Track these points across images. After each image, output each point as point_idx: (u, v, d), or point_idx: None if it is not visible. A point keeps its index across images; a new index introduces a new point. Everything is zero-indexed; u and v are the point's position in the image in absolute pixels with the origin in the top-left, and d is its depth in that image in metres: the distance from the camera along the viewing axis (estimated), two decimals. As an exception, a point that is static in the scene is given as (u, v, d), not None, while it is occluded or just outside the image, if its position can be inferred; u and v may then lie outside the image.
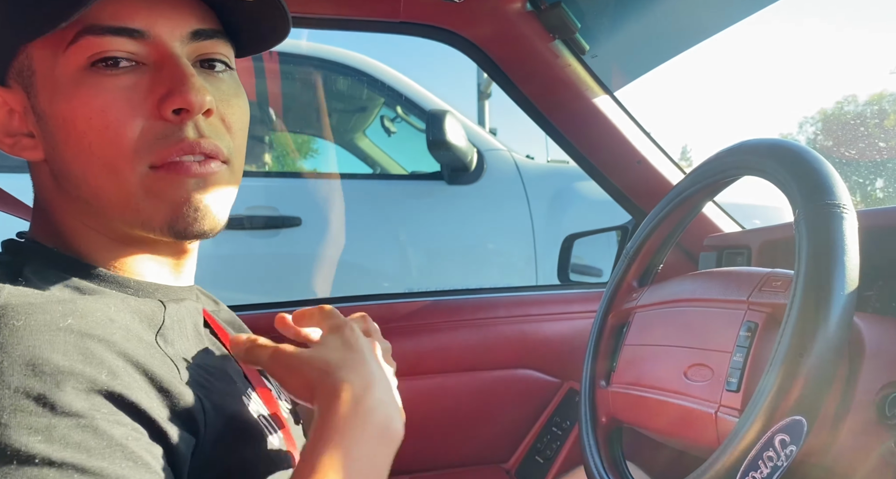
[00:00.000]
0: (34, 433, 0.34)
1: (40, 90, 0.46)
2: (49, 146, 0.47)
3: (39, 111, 0.46)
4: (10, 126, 0.48)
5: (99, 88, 0.44)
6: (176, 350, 0.47)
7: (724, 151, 0.68)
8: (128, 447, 0.37)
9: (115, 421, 0.37)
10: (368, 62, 2.15)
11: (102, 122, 0.44)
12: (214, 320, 0.59)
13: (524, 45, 1.02)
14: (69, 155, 0.46)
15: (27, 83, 0.46)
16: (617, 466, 0.73)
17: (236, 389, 0.51)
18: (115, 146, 0.44)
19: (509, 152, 2.16)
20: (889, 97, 10.21)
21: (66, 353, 0.37)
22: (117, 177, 0.45)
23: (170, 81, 0.45)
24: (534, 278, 2.05)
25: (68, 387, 0.36)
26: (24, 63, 0.46)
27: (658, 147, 1.11)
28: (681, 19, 1.09)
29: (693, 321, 0.67)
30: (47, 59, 0.45)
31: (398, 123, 2.37)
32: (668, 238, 0.79)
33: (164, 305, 0.49)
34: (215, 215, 0.48)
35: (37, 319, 0.38)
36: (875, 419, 0.52)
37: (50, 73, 0.45)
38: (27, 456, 0.34)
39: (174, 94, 0.45)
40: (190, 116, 0.46)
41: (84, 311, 0.40)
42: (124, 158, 0.45)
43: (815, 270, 0.50)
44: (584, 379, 0.79)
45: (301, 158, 3.04)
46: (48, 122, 0.46)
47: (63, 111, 0.44)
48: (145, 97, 0.45)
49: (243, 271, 1.88)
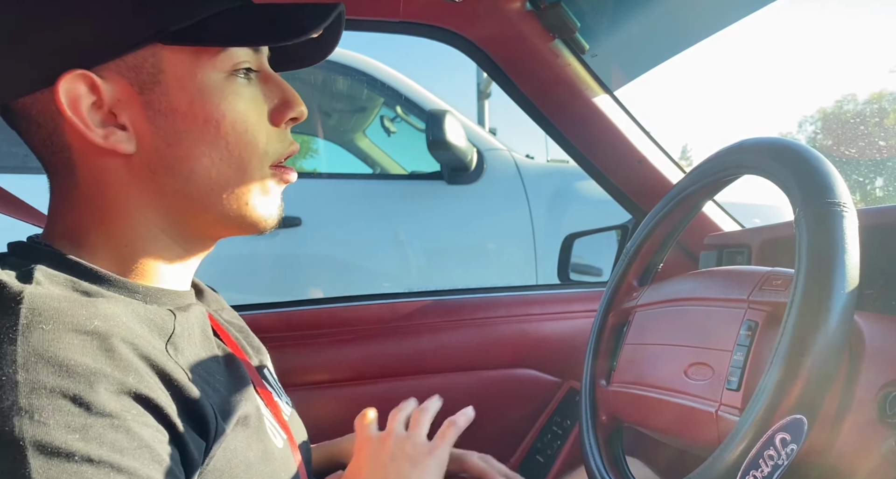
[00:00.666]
0: (72, 431, 0.35)
1: (172, 89, 0.47)
2: (161, 141, 0.48)
3: (162, 108, 0.47)
4: (95, 118, 0.47)
5: (241, 96, 0.50)
6: (186, 358, 0.47)
7: (724, 149, 0.68)
8: (154, 449, 0.38)
9: (143, 423, 0.39)
10: (368, 62, 2.15)
11: (243, 125, 0.50)
12: (217, 323, 0.59)
13: (524, 45, 1.02)
14: (198, 151, 0.49)
15: (144, 79, 0.47)
16: (617, 465, 0.73)
17: (242, 392, 0.52)
18: (251, 147, 0.50)
19: (509, 152, 2.16)
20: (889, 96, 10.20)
21: (95, 356, 0.38)
22: (244, 174, 0.51)
23: (280, 92, 0.53)
24: (534, 278, 2.05)
25: (101, 388, 0.37)
26: (145, 60, 0.47)
27: (658, 146, 1.11)
28: (680, 18, 1.09)
29: (693, 320, 0.67)
30: (185, 62, 0.48)
31: (398, 123, 2.37)
32: (668, 237, 0.79)
33: (174, 313, 0.50)
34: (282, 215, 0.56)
35: (65, 322, 0.38)
36: (876, 418, 0.52)
37: (190, 75, 0.48)
38: (67, 453, 0.35)
39: (291, 105, 0.53)
40: (295, 123, 0.54)
41: (107, 314, 0.41)
42: (257, 157, 0.51)
43: (816, 268, 0.50)
44: (585, 378, 0.79)
45: (301, 158, 3.03)
46: (177, 119, 0.48)
47: (208, 112, 0.48)
48: (263, 105, 0.52)
49: (244, 271, 1.88)
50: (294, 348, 1.05)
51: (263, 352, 0.66)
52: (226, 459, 0.46)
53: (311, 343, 0.73)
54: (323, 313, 1.15)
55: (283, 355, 0.83)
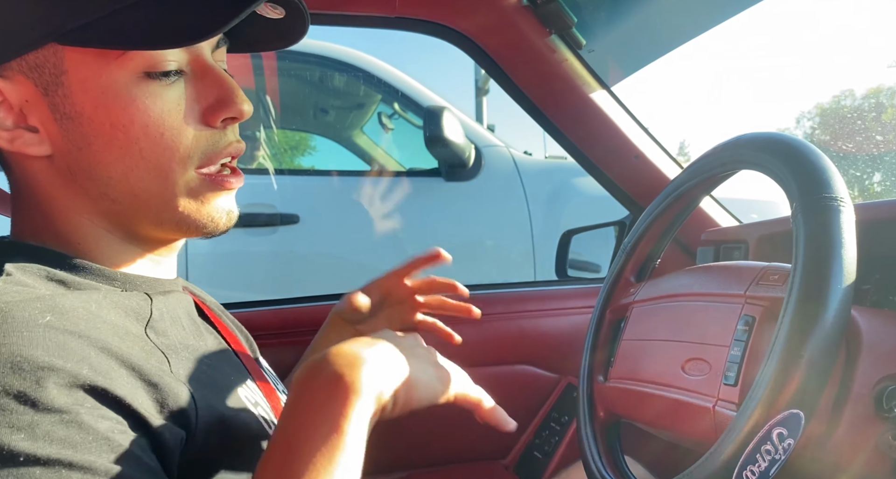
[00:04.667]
0: (16, 431, 0.34)
1: (74, 92, 0.45)
2: (71, 145, 0.46)
3: (66, 111, 0.45)
4: (6, 121, 0.45)
5: (155, 98, 0.46)
6: (170, 341, 0.47)
7: (721, 145, 0.68)
8: (114, 440, 0.37)
9: (99, 415, 0.37)
10: (365, 59, 2.15)
11: (159, 129, 0.46)
12: (209, 309, 0.59)
13: (520, 40, 1.02)
14: (110, 157, 0.46)
15: (48, 81, 0.45)
16: (615, 460, 0.73)
17: (233, 381, 0.51)
18: (169, 152, 0.47)
19: (507, 149, 2.16)
20: (887, 91, 10.21)
21: (46, 349, 0.37)
22: (166, 180, 0.47)
23: (217, 90, 0.48)
24: (532, 274, 2.05)
25: (49, 383, 0.36)
26: (47, 60, 0.44)
27: (655, 142, 1.11)
28: (678, 13, 1.08)
29: (691, 316, 0.67)
30: (90, 63, 0.44)
31: (395, 120, 2.36)
32: (665, 233, 0.79)
33: (151, 297, 0.49)
34: (235, 218, 0.53)
35: (15, 317, 0.37)
36: (872, 412, 0.52)
37: (94, 77, 0.44)
38: (10, 455, 0.33)
39: (226, 104, 0.48)
40: (235, 122, 0.50)
41: (63, 307, 0.40)
42: (177, 162, 0.47)
43: (813, 263, 0.50)
44: (582, 374, 0.79)
45: (299, 156, 3.03)
46: (82, 123, 0.45)
47: (114, 117, 0.45)
48: (192, 106, 0.48)
49: (242, 269, 1.88)
50: (289, 347, 1.05)
51: (253, 343, 0.66)
52: (212, 448, 0.45)
53: (307, 342, 0.73)
54: (320, 311, 1.14)
55: (277, 354, 0.83)
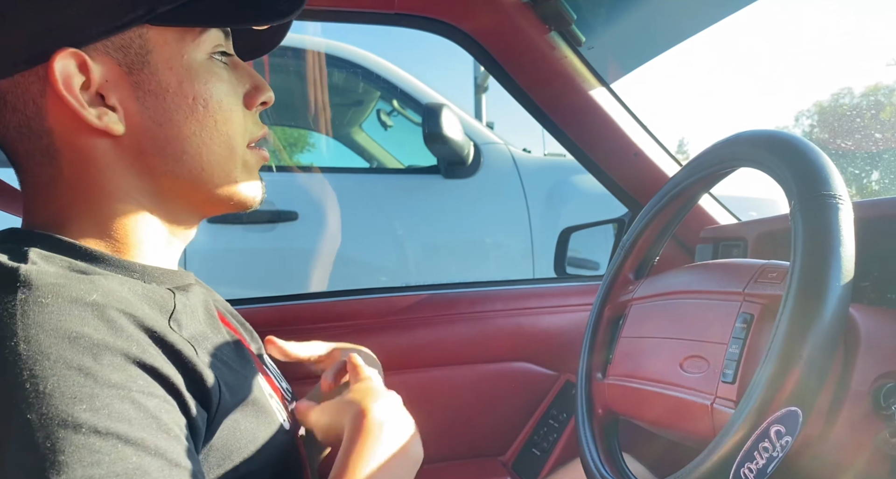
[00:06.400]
0: (79, 402, 0.35)
1: (161, 69, 0.48)
2: (151, 121, 0.48)
3: (151, 88, 0.48)
4: (86, 99, 0.46)
5: (223, 76, 0.51)
6: (191, 333, 0.48)
7: (720, 142, 0.68)
8: (161, 419, 0.38)
9: (149, 393, 0.38)
10: (365, 55, 2.14)
11: (228, 105, 0.51)
12: (216, 308, 0.60)
13: (520, 37, 1.01)
14: (188, 131, 0.49)
15: (132, 60, 0.47)
16: (613, 458, 0.73)
17: (248, 371, 0.53)
18: (233, 126, 0.52)
19: (506, 146, 2.16)
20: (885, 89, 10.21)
21: (97, 327, 0.38)
22: (233, 152, 0.52)
23: (250, 78, 0.55)
24: (531, 272, 2.05)
25: (105, 359, 0.37)
26: (132, 41, 0.47)
27: (655, 139, 1.11)
28: (677, 10, 1.08)
29: (689, 313, 0.67)
30: (170, 43, 0.48)
31: (394, 117, 2.36)
32: (664, 230, 0.79)
33: (174, 292, 0.50)
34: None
35: (64, 295, 0.38)
36: (870, 410, 0.52)
37: (178, 56, 0.48)
38: (74, 424, 0.34)
39: (262, 90, 0.55)
40: (265, 107, 0.56)
41: (106, 288, 0.41)
42: (241, 136, 0.53)
43: (811, 261, 0.50)
44: (581, 372, 0.79)
45: (298, 152, 3.02)
46: (167, 98, 0.48)
47: (197, 91, 0.49)
48: (238, 88, 0.53)
49: (240, 266, 1.87)
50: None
51: (258, 340, 0.67)
52: (233, 433, 0.46)
53: (307, 338, 0.73)
54: (319, 308, 1.15)
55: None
